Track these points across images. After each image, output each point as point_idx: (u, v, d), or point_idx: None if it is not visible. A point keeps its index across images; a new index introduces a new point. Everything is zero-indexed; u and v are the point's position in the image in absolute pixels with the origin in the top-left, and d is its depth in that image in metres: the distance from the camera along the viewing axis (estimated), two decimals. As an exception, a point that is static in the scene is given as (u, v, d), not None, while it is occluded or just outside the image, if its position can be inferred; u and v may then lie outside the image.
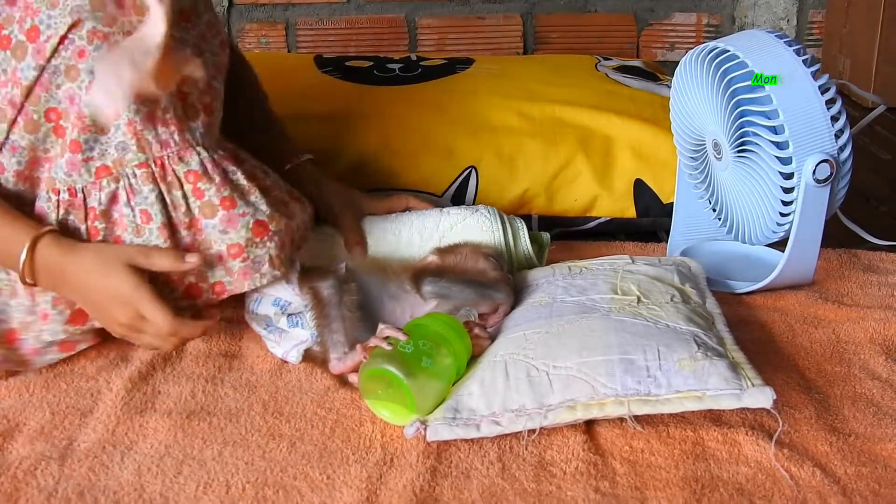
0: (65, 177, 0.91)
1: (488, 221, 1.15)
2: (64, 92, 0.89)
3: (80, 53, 0.87)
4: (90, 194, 0.92)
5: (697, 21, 2.34)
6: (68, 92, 0.89)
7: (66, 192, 0.92)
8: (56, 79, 0.88)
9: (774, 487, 0.78)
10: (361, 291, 0.96)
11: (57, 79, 0.88)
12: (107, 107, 0.88)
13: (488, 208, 1.18)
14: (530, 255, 1.16)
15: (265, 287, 0.97)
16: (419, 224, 1.15)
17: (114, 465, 0.83)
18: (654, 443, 0.84)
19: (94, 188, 0.92)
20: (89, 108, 0.89)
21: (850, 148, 1.07)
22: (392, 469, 0.82)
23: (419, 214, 1.17)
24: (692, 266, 1.12)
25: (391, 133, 1.38)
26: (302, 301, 0.96)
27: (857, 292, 1.15)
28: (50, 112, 0.90)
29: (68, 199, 0.92)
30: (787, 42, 1.09)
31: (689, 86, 1.16)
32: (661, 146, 1.36)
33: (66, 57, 0.88)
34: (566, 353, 0.88)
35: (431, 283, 0.97)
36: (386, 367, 0.85)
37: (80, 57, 0.88)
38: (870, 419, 0.88)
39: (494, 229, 1.14)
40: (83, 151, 0.91)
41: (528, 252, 1.16)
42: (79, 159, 0.91)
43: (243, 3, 2.28)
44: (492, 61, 1.65)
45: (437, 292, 0.97)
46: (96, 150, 0.91)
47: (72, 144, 0.90)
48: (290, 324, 0.97)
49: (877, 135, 1.85)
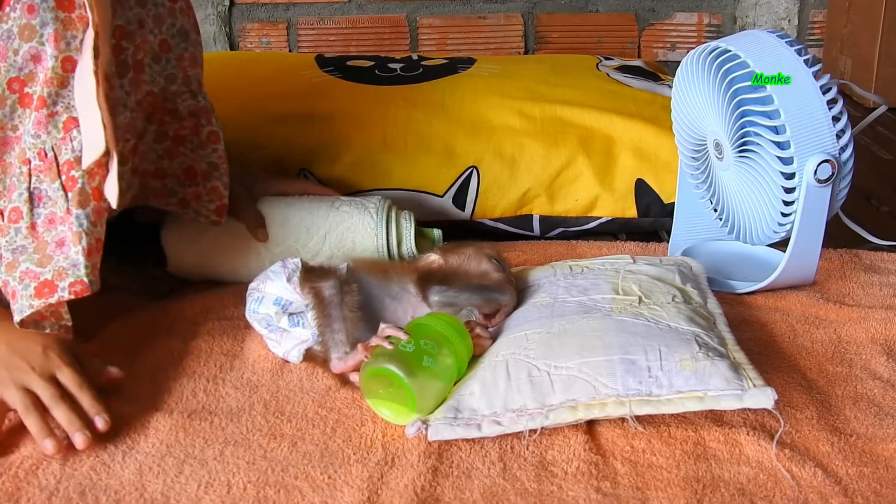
0: (33, 140, 0.89)
1: (372, 223, 1.16)
2: (24, 55, 0.87)
3: (30, 9, 0.85)
4: (60, 151, 0.89)
5: (699, 21, 2.34)
6: (29, 52, 0.86)
7: (37, 157, 0.89)
8: (11, 44, 0.86)
9: (776, 488, 0.78)
10: (363, 291, 0.96)
11: (13, 44, 0.86)
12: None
13: (378, 206, 1.19)
14: (414, 255, 1.18)
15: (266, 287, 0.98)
16: (308, 220, 1.17)
17: (115, 465, 0.83)
18: (655, 443, 0.84)
19: (64, 143, 0.89)
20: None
21: (851, 148, 1.07)
22: (393, 469, 0.82)
23: (310, 209, 1.18)
24: (693, 266, 1.12)
25: (392, 133, 1.38)
26: (303, 300, 0.96)
27: (858, 292, 1.15)
28: (12, 82, 0.87)
29: (38, 163, 0.89)
30: (789, 42, 1.09)
31: (690, 86, 1.16)
32: (662, 146, 1.36)
33: (15, 18, 0.85)
34: (567, 353, 0.88)
35: (438, 293, 0.97)
36: (387, 367, 0.85)
37: (30, 13, 0.85)
38: (871, 419, 0.88)
39: (378, 234, 1.16)
40: (47, 106, 0.88)
41: (413, 252, 1.18)
42: (44, 115, 0.88)
43: (244, 3, 2.28)
44: (493, 61, 1.65)
45: (445, 302, 0.97)
46: (59, 105, 0.89)
47: (38, 101, 0.88)
48: (292, 323, 0.97)
49: (878, 135, 1.85)
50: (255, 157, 1.36)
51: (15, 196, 0.90)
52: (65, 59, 0.88)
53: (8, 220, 0.90)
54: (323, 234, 1.16)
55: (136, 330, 1.07)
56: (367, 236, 1.16)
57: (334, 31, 2.31)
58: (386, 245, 1.17)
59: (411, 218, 1.20)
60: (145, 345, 1.04)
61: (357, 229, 1.17)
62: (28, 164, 0.89)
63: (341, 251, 1.16)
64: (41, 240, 0.90)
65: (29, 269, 0.89)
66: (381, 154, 1.36)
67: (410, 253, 1.18)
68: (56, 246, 0.90)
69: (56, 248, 0.90)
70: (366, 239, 1.16)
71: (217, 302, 1.13)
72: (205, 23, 2.26)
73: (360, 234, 1.17)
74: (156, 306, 1.12)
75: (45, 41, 0.86)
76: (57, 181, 0.90)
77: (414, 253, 1.18)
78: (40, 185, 0.90)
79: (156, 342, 1.04)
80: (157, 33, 1.01)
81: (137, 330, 1.07)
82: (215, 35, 2.28)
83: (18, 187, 0.90)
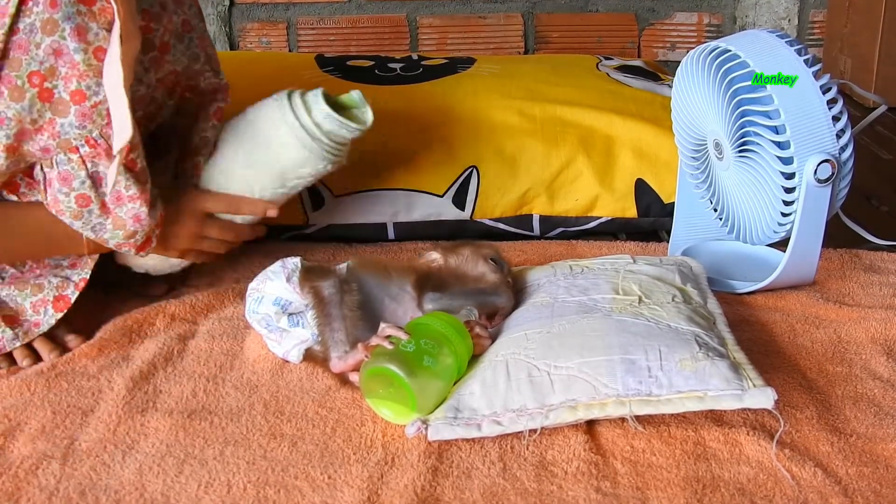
0: (78, 130, 0.91)
1: (276, 104, 1.08)
2: (45, 49, 0.87)
3: (53, 4, 0.86)
4: (110, 137, 0.92)
5: (698, 21, 2.34)
6: (51, 47, 0.87)
7: (85, 145, 0.92)
8: (34, 38, 0.87)
9: (776, 488, 0.78)
10: (362, 291, 0.96)
11: (35, 37, 0.87)
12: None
13: (281, 94, 1.09)
14: (340, 122, 1.08)
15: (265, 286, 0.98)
16: (240, 153, 1.10)
17: (115, 465, 0.83)
18: (655, 443, 0.84)
19: (110, 129, 0.92)
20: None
21: (851, 148, 1.07)
22: (393, 469, 0.82)
23: (233, 142, 1.10)
24: (693, 266, 1.12)
25: (392, 133, 1.38)
26: (303, 300, 0.96)
27: (858, 292, 1.15)
28: (33, 76, 0.88)
29: (89, 150, 0.93)
30: (789, 42, 1.09)
31: (690, 86, 1.16)
32: (662, 146, 1.36)
33: (38, 12, 0.86)
34: (567, 353, 0.88)
35: (432, 300, 0.97)
36: (387, 366, 0.85)
37: (52, 7, 0.86)
38: (871, 419, 0.88)
39: (284, 111, 1.07)
40: (88, 98, 0.90)
41: (335, 118, 1.07)
42: (87, 107, 0.90)
43: (244, 3, 2.28)
44: (493, 61, 1.65)
45: (440, 309, 0.97)
46: (102, 94, 0.90)
47: (74, 95, 0.90)
48: (291, 323, 0.97)
49: (878, 135, 1.85)
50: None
51: (76, 184, 0.94)
52: (96, 50, 0.89)
53: (78, 207, 0.96)
54: (249, 148, 1.09)
55: (135, 329, 1.07)
56: (274, 123, 1.07)
57: (334, 31, 2.31)
58: (295, 117, 1.06)
59: (320, 91, 1.10)
60: (145, 344, 1.04)
61: (265, 118, 1.08)
62: (77, 152, 0.92)
63: (267, 155, 1.09)
64: (115, 215, 0.97)
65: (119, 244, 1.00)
66: (381, 154, 1.36)
67: (326, 118, 1.07)
68: (133, 221, 0.98)
69: (133, 223, 0.98)
70: (275, 125, 1.07)
71: (217, 302, 1.13)
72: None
73: (272, 123, 1.07)
74: (155, 306, 1.12)
75: (67, 35, 0.87)
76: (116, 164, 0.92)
77: (335, 117, 1.07)
78: (98, 169, 0.94)
79: (155, 342, 1.04)
80: (180, 13, 1.04)
81: (137, 329, 1.07)
82: (215, 35, 2.28)
83: (77, 176, 0.94)
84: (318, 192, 1.34)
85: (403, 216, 1.36)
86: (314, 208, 1.35)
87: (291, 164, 1.09)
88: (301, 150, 1.07)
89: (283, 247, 1.31)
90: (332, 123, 1.07)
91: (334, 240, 1.36)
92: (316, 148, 1.08)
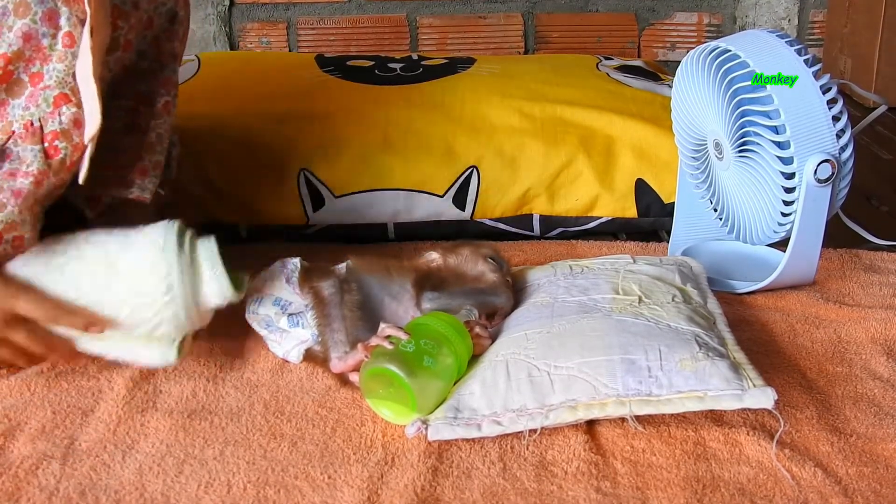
0: (22, 112, 0.89)
1: (159, 257, 0.89)
2: (16, 33, 0.86)
3: None
4: (47, 122, 0.89)
5: (698, 21, 2.34)
6: (21, 30, 0.86)
7: (21, 128, 0.89)
8: (6, 20, 0.86)
9: (776, 488, 0.78)
10: (362, 291, 0.96)
11: (7, 20, 0.86)
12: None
13: (168, 236, 0.90)
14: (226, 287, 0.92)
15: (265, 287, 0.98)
16: (90, 269, 0.91)
17: (115, 465, 0.83)
18: (655, 443, 0.84)
19: (52, 116, 0.89)
20: None
21: (851, 148, 1.07)
22: (393, 469, 0.82)
23: (95, 244, 0.92)
24: (693, 266, 1.12)
25: (392, 133, 1.38)
26: (303, 301, 0.96)
27: (858, 292, 1.15)
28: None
29: (21, 132, 0.89)
30: (789, 42, 1.09)
31: (690, 86, 1.16)
32: (662, 146, 1.36)
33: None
34: (567, 353, 0.88)
35: (430, 300, 0.97)
36: (387, 366, 0.85)
37: None
38: (871, 419, 0.88)
39: (171, 272, 0.89)
40: (43, 80, 0.88)
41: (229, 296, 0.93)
42: (38, 89, 0.88)
43: (244, 3, 2.28)
44: (493, 61, 1.65)
45: (438, 309, 0.97)
46: (53, 80, 0.88)
47: (34, 77, 0.88)
48: (291, 323, 0.97)
49: (878, 135, 1.85)
50: (255, 157, 1.36)
51: None
52: (66, 35, 0.89)
53: None
54: (102, 286, 0.90)
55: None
56: (149, 275, 0.89)
57: (334, 31, 2.31)
58: (179, 291, 0.89)
59: (215, 250, 0.91)
60: (145, 345, 1.04)
61: (138, 267, 0.90)
62: (11, 135, 0.89)
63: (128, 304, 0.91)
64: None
65: None
66: (381, 154, 1.36)
67: (224, 298, 0.92)
68: (11, 194, 0.88)
69: (11, 195, 0.88)
70: (149, 277, 0.89)
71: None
72: (205, 23, 2.26)
73: (146, 274, 0.89)
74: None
75: (39, 20, 0.87)
76: (38, 146, 0.89)
77: (210, 304, 0.92)
78: (14, 148, 0.89)
79: (156, 342, 1.04)
80: (147, 10, 1.01)
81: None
82: (215, 35, 2.28)
83: None
84: (319, 193, 1.34)
85: (404, 216, 1.36)
86: (315, 209, 1.35)
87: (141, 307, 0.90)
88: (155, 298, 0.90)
89: (283, 247, 1.31)
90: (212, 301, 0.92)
91: (334, 240, 1.36)
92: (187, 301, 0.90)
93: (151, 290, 0.89)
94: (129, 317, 0.90)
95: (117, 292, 0.90)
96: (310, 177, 1.35)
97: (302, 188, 1.34)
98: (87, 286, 0.90)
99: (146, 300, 0.89)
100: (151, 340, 0.92)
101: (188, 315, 0.91)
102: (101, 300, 0.90)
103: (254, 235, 1.37)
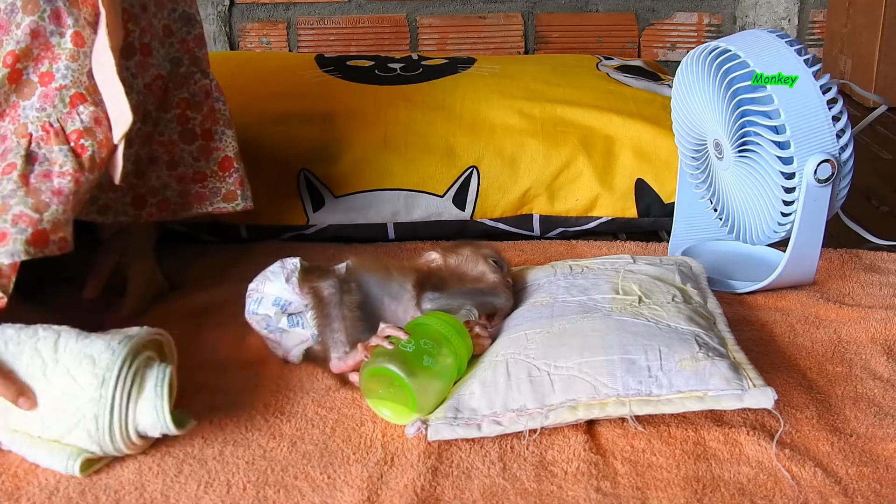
0: (37, 113, 0.89)
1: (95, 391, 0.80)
2: (24, 30, 0.87)
3: None
4: (66, 123, 0.90)
5: (699, 21, 2.34)
6: (29, 27, 0.87)
7: (39, 129, 0.89)
8: (14, 17, 0.86)
9: (776, 487, 0.78)
10: (362, 291, 0.96)
11: (15, 17, 0.86)
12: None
13: (111, 357, 0.80)
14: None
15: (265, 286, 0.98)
16: (39, 360, 0.82)
17: (115, 464, 0.83)
18: (655, 443, 0.84)
19: (70, 116, 0.90)
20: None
21: (851, 148, 1.07)
22: (393, 469, 0.82)
23: (45, 340, 0.83)
24: (693, 266, 1.12)
25: (392, 133, 1.38)
26: (302, 301, 0.96)
27: (858, 292, 1.15)
28: (7, 56, 0.88)
29: (41, 134, 0.89)
30: (789, 42, 1.09)
31: (690, 85, 1.16)
32: (662, 146, 1.36)
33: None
34: (567, 353, 0.88)
35: (430, 300, 0.97)
36: (387, 367, 0.85)
37: None
38: (871, 419, 0.88)
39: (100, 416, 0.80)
40: (56, 80, 0.89)
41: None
42: (52, 89, 0.89)
43: (244, 3, 2.28)
44: (493, 61, 1.65)
45: (438, 309, 0.97)
46: (68, 79, 0.89)
47: (43, 77, 0.88)
48: (291, 323, 0.97)
49: (878, 134, 1.85)
50: (255, 157, 1.36)
51: (10, 157, 0.89)
52: (74, 35, 0.89)
53: (1, 173, 0.88)
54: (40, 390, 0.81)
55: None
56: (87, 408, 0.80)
57: (334, 31, 2.31)
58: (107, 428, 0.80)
59: (165, 381, 0.82)
60: (145, 345, 1.04)
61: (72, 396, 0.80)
62: (28, 137, 0.89)
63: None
64: (33, 187, 0.88)
65: (23, 212, 0.87)
66: (382, 154, 1.36)
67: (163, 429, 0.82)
68: (52, 194, 0.88)
69: (52, 195, 0.88)
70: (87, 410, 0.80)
71: (217, 301, 1.13)
72: (205, 22, 2.25)
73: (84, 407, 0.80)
74: (155, 306, 1.12)
75: (47, 17, 0.87)
76: (65, 145, 0.90)
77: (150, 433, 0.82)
78: (38, 150, 0.90)
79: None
80: (161, 17, 1.02)
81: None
82: (215, 35, 2.28)
83: (15, 153, 0.89)
84: (319, 193, 1.34)
85: (404, 216, 1.36)
86: (315, 209, 1.35)
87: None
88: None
89: (283, 247, 1.31)
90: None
91: (334, 240, 1.36)
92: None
93: (85, 381, 0.79)
94: (54, 402, 0.80)
95: (52, 373, 0.81)
96: (310, 177, 1.35)
97: (302, 188, 1.34)
98: (25, 364, 0.81)
99: (75, 389, 0.80)
100: (63, 446, 0.81)
101: (111, 426, 0.80)
102: (34, 377, 0.81)
103: (254, 235, 1.37)
